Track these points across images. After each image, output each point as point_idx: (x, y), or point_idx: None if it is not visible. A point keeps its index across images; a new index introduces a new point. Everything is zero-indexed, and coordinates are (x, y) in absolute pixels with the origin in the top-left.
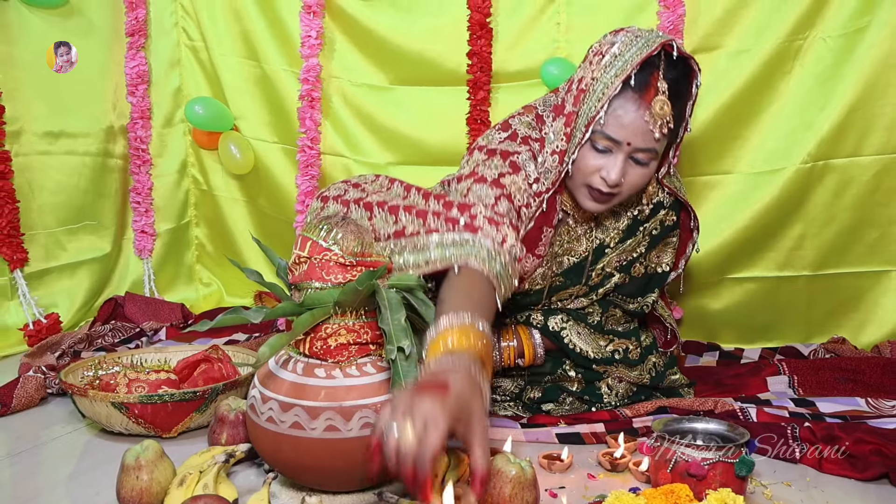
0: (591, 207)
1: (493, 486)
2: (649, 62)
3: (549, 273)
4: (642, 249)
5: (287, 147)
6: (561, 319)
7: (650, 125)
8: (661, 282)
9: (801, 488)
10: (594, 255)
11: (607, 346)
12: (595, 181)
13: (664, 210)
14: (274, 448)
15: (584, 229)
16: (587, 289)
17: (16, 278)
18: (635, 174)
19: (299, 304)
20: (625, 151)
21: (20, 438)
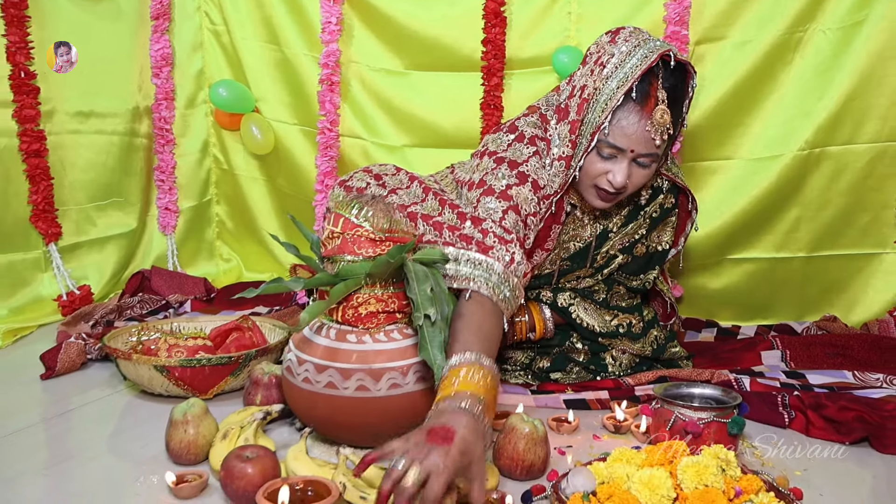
0: (600, 205)
1: (507, 443)
2: (649, 72)
3: (556, 259)
4: (643, 231)
5: (306, 129)
6: (569, 296)
7: (652, 133)
8: (661, 259)
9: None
10: (598, 240)
11: (612, 320)
12: (602, 183)
13: (663, 194)
14: (309, 406)
15: (590, 219)
16: (592, 270)
17: (50, 251)
18: (639, 175)
19: (334, 275)
20: (629, 157)
21: (65, 399)
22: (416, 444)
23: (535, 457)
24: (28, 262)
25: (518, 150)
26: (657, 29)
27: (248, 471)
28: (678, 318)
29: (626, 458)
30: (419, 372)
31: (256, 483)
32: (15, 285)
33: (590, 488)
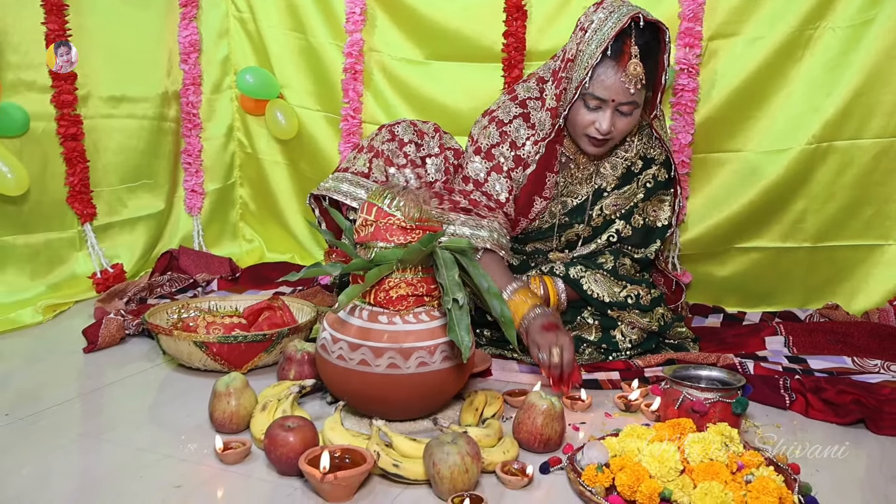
0: (592, 152)
1: (526, 418)
2: (622, 32)
3: (556, 212)
4: (638, 199)
5: (329, 115)
6: (580, 269)
7: (626, 84)
8: (661, 234)
9: (789, 430)
10: (593, 197)
11: (621, 291)
12: (591, 132)
13: (656, 166)
14: (343, 381)
15: (586, 175)
16: (590, 229)
17: (85, 231)
18: (623, 122)
19: (368, 260)
20: (611, 106)
21: (107, 372)
22: (543, 339)
23: (553, 431)
24: (64, 241)
25: (507, 108)
26: (672, 24)
27: (290, 439)
28: (685, 303)
29: (637, 434)
30: (445, 351)
31: (298, 450)
32: (52, 263)
33: (603, 460)
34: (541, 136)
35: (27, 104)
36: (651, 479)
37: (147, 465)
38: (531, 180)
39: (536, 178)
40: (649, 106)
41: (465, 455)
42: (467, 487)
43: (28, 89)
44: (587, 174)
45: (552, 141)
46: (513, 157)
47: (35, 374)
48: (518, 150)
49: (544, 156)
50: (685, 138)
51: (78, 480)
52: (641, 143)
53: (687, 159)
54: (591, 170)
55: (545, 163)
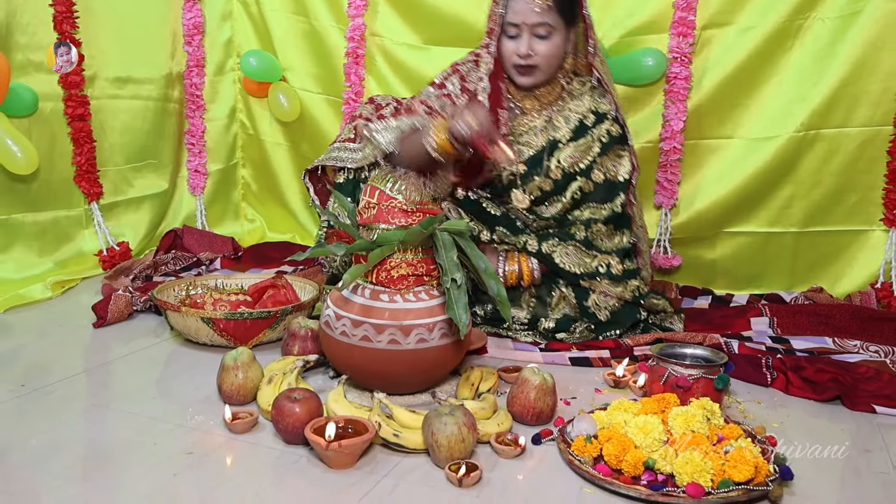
0: (522, 82)
1: (520, 392)
2: None
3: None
4: (595, 153)
5: (331, 98)
6: (553, 243)
7: (532, 5)
8: (623, 188)
9: (769, 406)
10: (549, 147)
11: (592, 262)
12: (515, 59)
13: (608, 121)
14: (346, 356)
15: (542, 125)
16: (551, 182)
17: (92, 209)
18: (541, 45)
19: (371, 241)
20: (526, 31)
21: (116, 347)
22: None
23: (545, 405)
24: (71, 219)
25: (464, 57)
26: (666, 14)
27: (296, 410)
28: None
29: (624, 408)
30: (443, 328)
31: (303, 420)
32: (60, 240)
33: (592, 432)
34: (486, 72)
35: (36, 84)
36: (636, 450)
37: (159, 433)
38: None
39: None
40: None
41: (462, 425)
42: (463, 456)
43: (37, 70)
44: (540, 124)
45: (493, 76)
46: (460, 87)
47: (46, 347)
48: (466, 82)
49: (491, 92)
50: (677, 125)
51: (92, 447)
52: (592, 99)
53: (679, 145)
54: (542, 120)
55: (494, 99)
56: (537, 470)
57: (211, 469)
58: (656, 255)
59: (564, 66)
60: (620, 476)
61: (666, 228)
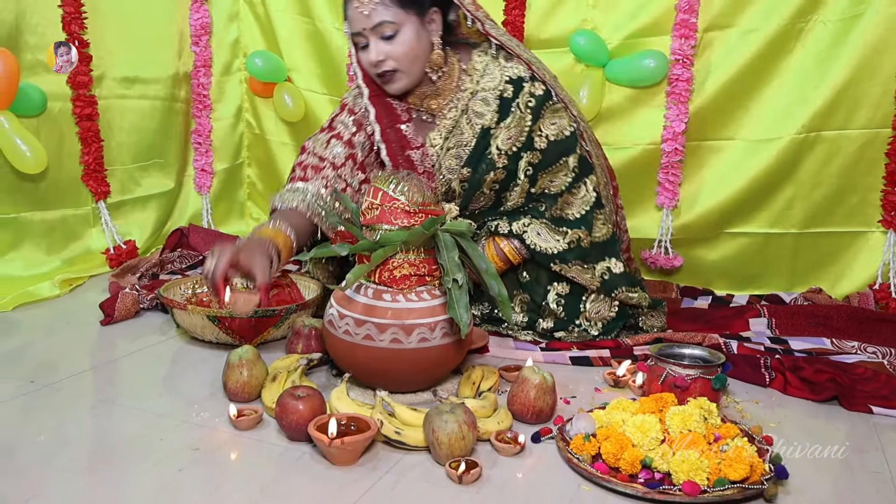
0: (390, 90)
1: (520, 391)
2: None
3: (454, 166)
4: (529, 122)
5: (335, 98)
6: (524, 223)
7: (360, 8)
8: (573, 143)
9: (766, 406)
10: (481, 139)
11: (562, 239)
12: (371, 70)
13: (527, 83)
14: (349, 355)
15: (462, 117)
16: (503, 172)
17: (99, 208)
18: (392, 46)
19: (374, 242)
20: (370, 37)
21: (123, 344)
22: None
23: (544, 403)
24: (79, 218)
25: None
26: (668, 16)
27: (299, 407)
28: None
29: (622, 407)
30: (444, 328)
31: (307, 417)
32: (67, 238)
33: (590, 430)
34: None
35: (44, 84)
36: (634, 448)
37: (165, 429)
38: (387, 139)
39: (389, 134)
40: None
41: (462, 423)
42: (464, 453)
43: (45, 70)
44: (460, 117)
45: (374, 95)
46: (352, 122)
47: (54, 344)
48: (356, 114)
49: (377, 112)
50: (679, 127)
51: (99, 443)
52: (500, 67)
53: (681, 147)
54: (459, 112)
55: (385, 118)
56: (536, 468)
57: (216, 465)
58: (657, 255)
59: (436, 53)
60: (618, 474)
61: (667, 229)
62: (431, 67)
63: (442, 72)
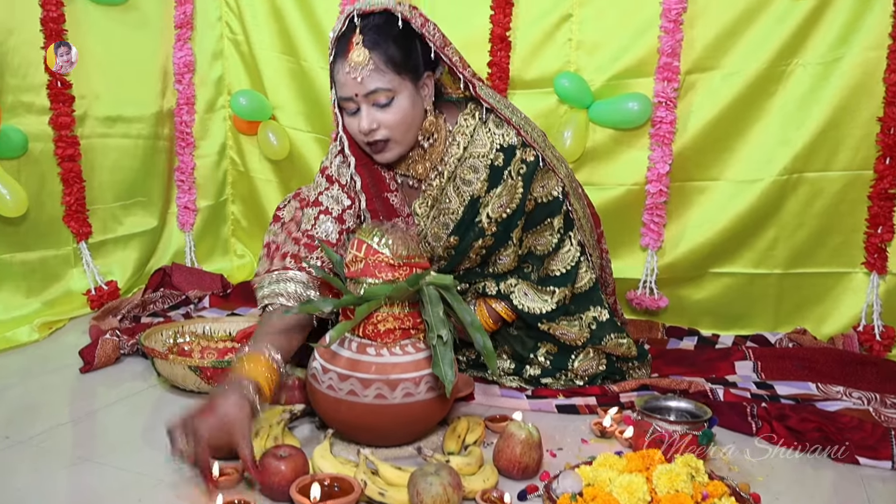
0: (381, 160)
1: (506, 447)
2: (344, 33)
3: (441, 234)
4: (521, 189)
5: (320, 137)
6: (511, 283)
7: (352, 73)
8: (558, 207)
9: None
10: (470, 208)
11: (551, 299)
12: (361, 138)
13: (519, 150)
14: (333, 410)
15: (449, 184)
16: (492, 239)
17: (80, 249)
18: (385, 115)
19: (358, 296)
20: (362, 103)
21: (102, 393)
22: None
23: (530, 459)
24: (59, 259)
25: (330, 154)
26: (651, 58)
27: (281, 468)
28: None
29: (609, 464)
30: (429, 382)
31: (289, 479)
32: (47, 280)
33: (577, 489)
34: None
35: (26, 126)
36: None
37: (144, 488)
38: (373, 209)
39: (376, 203)
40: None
41: (447, 486)
42: None
43: (27, 111)
44: (447, 184)
45: (361, 164)
46: (339, 190)
47: (32, 394)
48: (341, 184)
49: (363, 182)
50: (663, 168)
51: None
52: (490, 134)
53: (665, 188)
54: (446, 178)
55: (373, 188)
56: None
57: None
58: (642, 296)
59: (429, 120)
60: None
61: (652, 269)
62: (423, 134)
63: (433, 138)
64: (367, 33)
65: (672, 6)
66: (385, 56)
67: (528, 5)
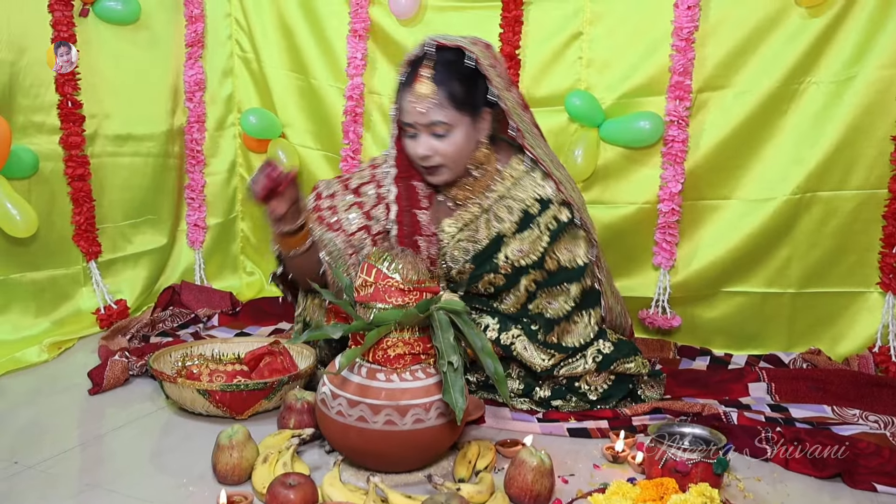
0: (431, 180)
1: (517, 474)
2: (415, 62)
3: (459, 257)
4: (545, 243)
5: (329, 154)
6: (513, 334)
7: (416, 104)
8: (580, 274)
9: (768, 483)
10: (493, 243)
11: (548, 360)
12: (416, 160)
13: (554, 206)
14: (342, 436)
15: (483, 216)
16: (502, 277)
17: (90, 268)
18: (441, 144)
19: (368, 322)
20: (422, 130)
21: (112, 416)
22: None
23: (542, 487)
24: (69, 278)
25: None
26: (663, 76)
27: (290, 497)
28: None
29: (622, 492)
30: (440, 408)
31: None
32: (56, 299)
33: None
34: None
35: (36, 146)
36: None
37: None
38: (401, 221)
39: (405, 217)
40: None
41: None
42: None
43: (38, 131)
44: (481, 215)
45: (401, 177)
46: (375, 195)
47: (40, 416)
48: (381, 188)
49: (399, 194)
50: (675, 187)
51: None
52: (533, 183)
53: (677, 207)
54: (481, 210)
55: (405, 201)
56: None
57: None
58: (654, 315)
59: (481, 151)
60: None
61: (664, 288)
62: (474, 163)
63: (483, 169)
64: (436, 68)
65: (684, 24)
66: (448, 93)
67: (538, 23)
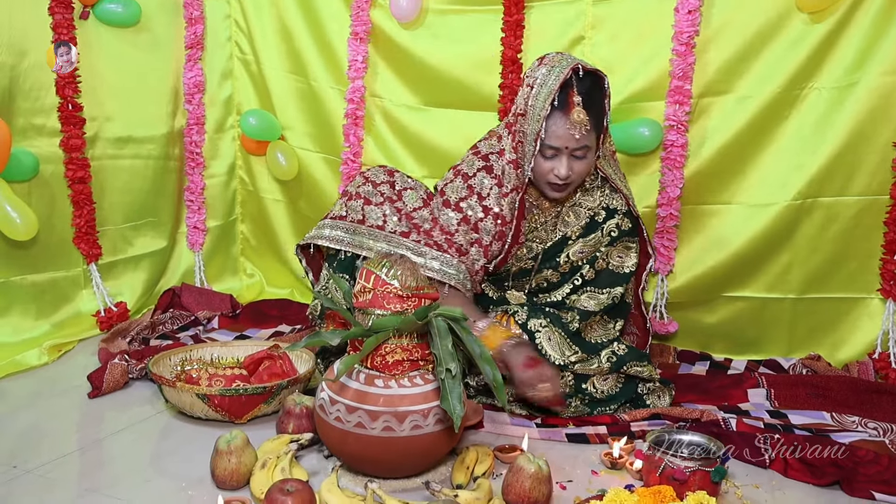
0: (554, 196)
1: (515, 481)
2: (565, 84)
3: (522, 255)
4: (603, 247)
5: (329, 157)
6: (541, 322)
7: (573, 131)
8: (625, 280)
9: (767, 490)
10: (559, 243)
11: (571, 355)
12: (552, 178)
13: (619, 215)
14: (340, 442)
15: (550, 220)
16: (559, 275)
17: (90, 270)
18: (579, 165)
19: (367, 328)
20: (565, 153)
21: (112, 419)
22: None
23: (540, 494)
24: (69, 280)
25: (471, 162)
26: (663, 81)
27: (288, 503)
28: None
29: (620, 500)
30: (438, 414)
31: None
32: (57, 302)
33: None
34: (510, 188)
35: (36, 148)
36: None
37: None
38: (518, 230)
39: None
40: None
41: None
42: None
43: (38, 134)
44: (550, 218)
45: (523, 195)
46: (481, 209)
47: (40, 419)
48: (483, 200)
49: (520, 210)
50: (674, 192)
51: None
52: (603, 195)
53: (676, 212)
54: (554, 215)
55: (519, 214)
56: None
57: None
58: (652, 320)
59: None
60: None
61: (662, 294)
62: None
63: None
64: (584, 95)
65: (684, 29)
66: (594, 118)
67: (539, 27)
